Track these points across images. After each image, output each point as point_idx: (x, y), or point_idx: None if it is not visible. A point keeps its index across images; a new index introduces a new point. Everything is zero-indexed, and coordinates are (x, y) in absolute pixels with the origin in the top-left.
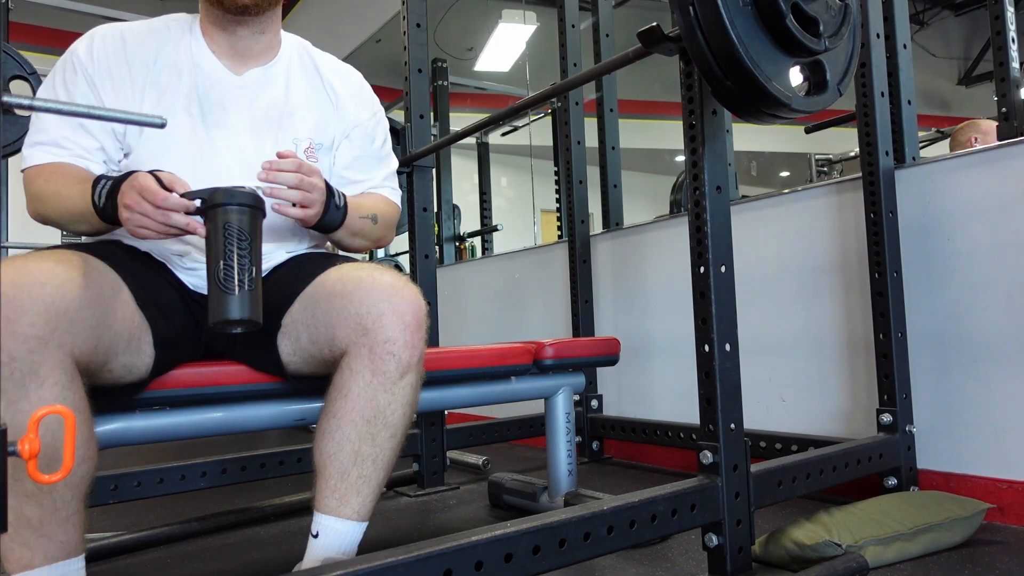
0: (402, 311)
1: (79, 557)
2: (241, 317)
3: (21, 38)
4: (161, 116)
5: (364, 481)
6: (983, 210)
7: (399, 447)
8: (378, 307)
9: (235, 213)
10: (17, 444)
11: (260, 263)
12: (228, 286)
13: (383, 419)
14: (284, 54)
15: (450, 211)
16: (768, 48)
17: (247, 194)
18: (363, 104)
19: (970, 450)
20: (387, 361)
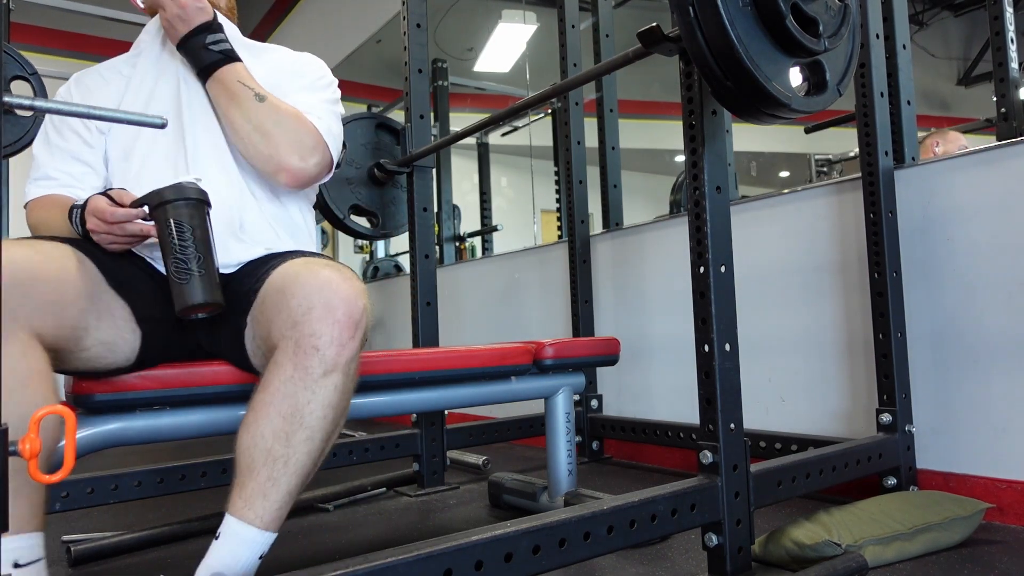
0: (333, 306)
1: (33, 534)
2: (196, 302)
3: (21, 38)
4: (161, 116)
5: (272, 484)
6: (982, 210)
7: (318, 455)
8: (309, 300)
9: (174, 208)
10: (18, 444)
11: (210, 249)
12: (180, 276)
13: (300, 418)
14: (277, 56)
15: (450, 211)
16: (768, 48)
17: (182, 187)
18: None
19: (969, 450)
20: (310, 356)
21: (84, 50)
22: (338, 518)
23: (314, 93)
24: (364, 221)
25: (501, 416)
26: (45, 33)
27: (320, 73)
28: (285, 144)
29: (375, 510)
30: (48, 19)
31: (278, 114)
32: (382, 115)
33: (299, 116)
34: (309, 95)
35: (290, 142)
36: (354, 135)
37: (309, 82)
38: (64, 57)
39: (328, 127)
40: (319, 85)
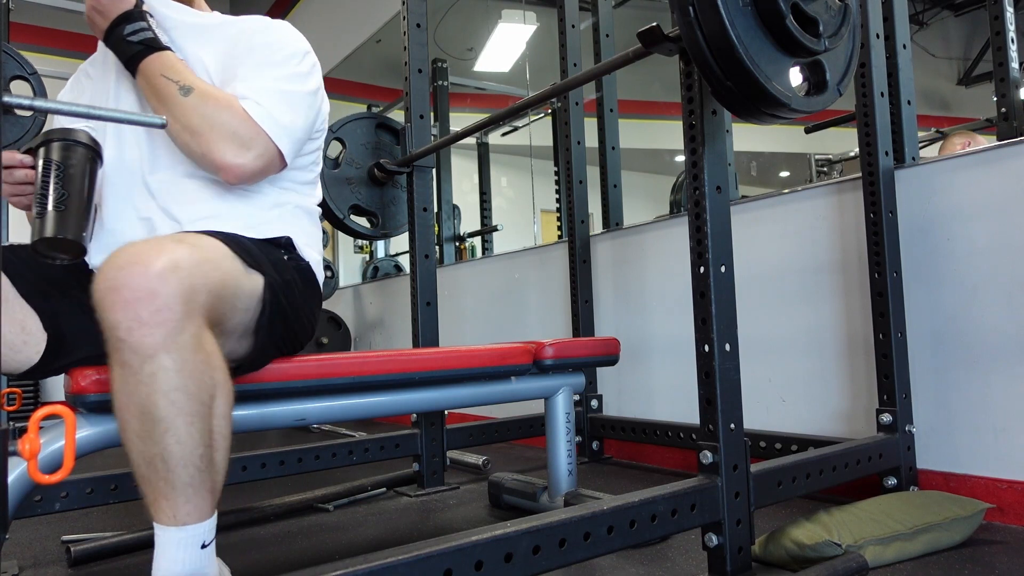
0: (118, 286)
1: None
2: (44, 235)
3: (21, 38)
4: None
5: (165, 483)
6: (983, 210)
7: (190, 439)
8: (99, 289)
9: (47, 148)
10: (17, 444)
11: (82, 192)
12: (37, 211)
13: (150, 415)
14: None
15: (450, 211)
16: (768, 48)
17: (66, 130)
18: (237, 38)
19: (970, 450)
20: (121, 350)
21: (84, 50)
22: (338, 518)
23: (263, 72)
24: (364, 221)
25: (501, 416)
26: (45, 33)
27: (278, 45)
28: (216, 140)
29: (375, 510)
30: (48, 19)
31: (206, 106)
32: (382, 115)
33: (231, 105)
34: (256, 75)
35: (221, 137)
36: (354, 135)
37: (261, 58)
38: (64, 57)
39: (269, 113)
40: (274, 60)
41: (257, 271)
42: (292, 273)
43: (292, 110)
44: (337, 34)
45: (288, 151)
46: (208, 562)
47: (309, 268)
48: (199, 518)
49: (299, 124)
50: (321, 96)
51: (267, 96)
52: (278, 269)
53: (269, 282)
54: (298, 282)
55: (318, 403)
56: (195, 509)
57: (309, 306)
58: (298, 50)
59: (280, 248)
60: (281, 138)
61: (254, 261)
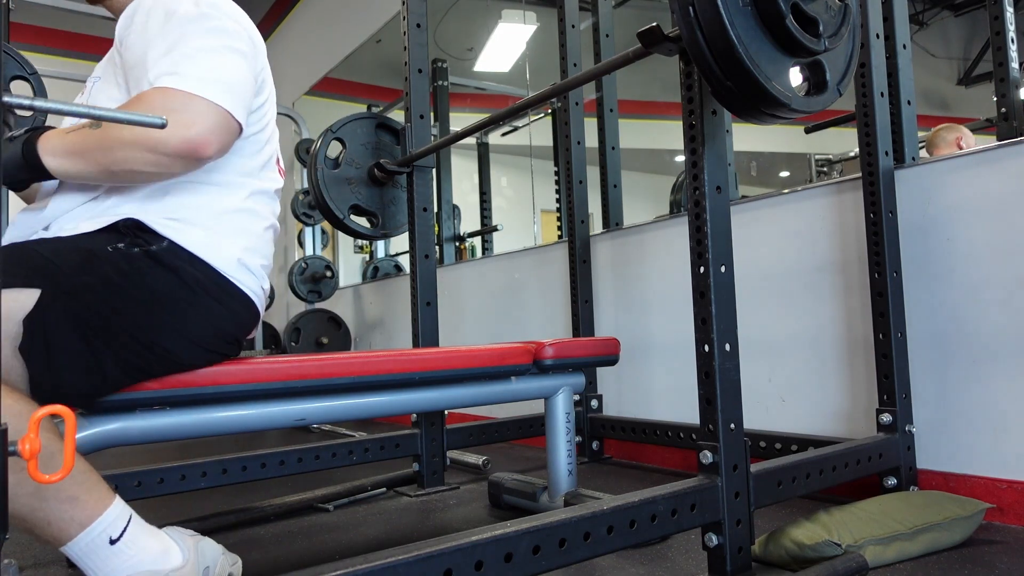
0: None
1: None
2: None
3: (21, 38)
4: (161, 116)
5: None
6: (982, 210)
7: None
8: None
9: None
10: (17, 444)
11: None
12: None
13: None
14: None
15: (450, 211)
16: (768, 48)
17: None
18: (140, 10)
19: (970, 450)
20: None
21: (84, 50)
22: (338, 518)
23: (166, 44)
24: (364, 221)
25: (501, 416)
26: (45, 33)
27: (171, 14)
28: (156, 134)
29: (375, 510)
30: (48, 19)
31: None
32: (382, 115)
33: (143, 98)
34: (161, 52)
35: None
36: (354, 135)
37: (158, 29)
38: (64, 57)
39: (190, 76)
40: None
41: (16, 287)
42: (119, 265)
43: (214, 64)
44: (337, 34)
45: (233, 105)
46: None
47: (169, 251)
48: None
49: (231, 74)
50: (243, 40)
51: (180, 63)
52: (85, 268)
53: (47, 295)
54: (131, 272)
55: (318, 403)
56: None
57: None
58: (195, 7)
59: (117, 234)
60: (217, 94)
61: (10, 278)
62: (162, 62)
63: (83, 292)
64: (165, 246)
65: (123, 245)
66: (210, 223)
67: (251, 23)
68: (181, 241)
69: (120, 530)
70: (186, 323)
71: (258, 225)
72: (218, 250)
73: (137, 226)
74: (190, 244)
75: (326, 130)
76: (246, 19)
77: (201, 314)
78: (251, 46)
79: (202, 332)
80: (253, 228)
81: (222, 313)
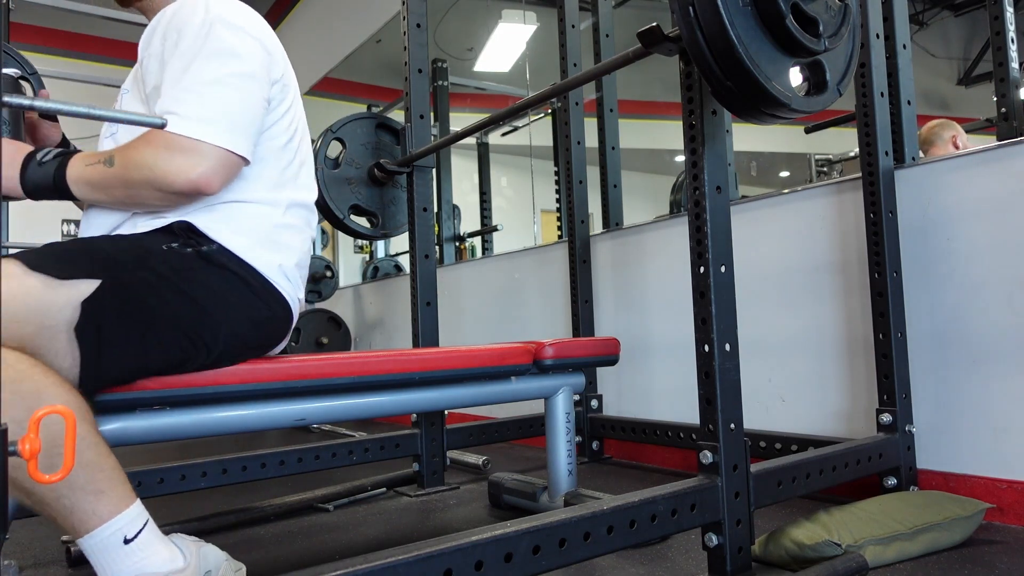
0: None
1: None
2: None
3: (21, 38)
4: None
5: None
6: (982, 210)
7: None
8: None
9: None
10: (17, 444)
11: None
12: None
13: None
14: (152, 24)
15: (450, 211)
16: (768, 48)
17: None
18: (157, 30)
19: (970, 450)
20: None
21: (84, 50)
22: (338, 518)
23: (175, 72)
24: (364, 221)
25: (501, 416)
26: (45, 33)
27: (182, 33)
28: (162, 175)
29: (375, 510)
30: (48, 19)
31: (130, 158)
32: (382, 115)
33: (150, 140)
34: (170, 81)
35: (164, 170)
36: (354, 135)
37: (169, 54)
38: (64, 57)
39: (192, 117)
40: (182, 53)
41: (79, 278)
42: (172, 262)
43: (216, 100)
44: (337, 34)
45: (235, 143)
46: None
47: (219, 252)
48: (101, 519)
49: (235, 108)
50: (252, 60)
51: (184, 102)
52: (142, 264)
53: (106, 285)
54: (183, 268)
55: (318, 403)
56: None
57: (208, 290)
58: (202, 27)
59: (171, 234)
60: (218, 135)
61: (75, 269)
62: (167, 96)
63: (137, 285)
64: (215, 248)
65: (176, 244)
66: (254, 236)
67: (264, 28)
68: (229, 245)
69: (136, 531)
70: (228, 317)
71: (296, 239)
72: (261, 257)
73: (190, 228)
74: (237, 248)
75: (326, 130)
76: (257, 27)
77: (243, 310)
78: (260, 60)
79: (242, 328)
80: (292, 243)
81: (262, 310)
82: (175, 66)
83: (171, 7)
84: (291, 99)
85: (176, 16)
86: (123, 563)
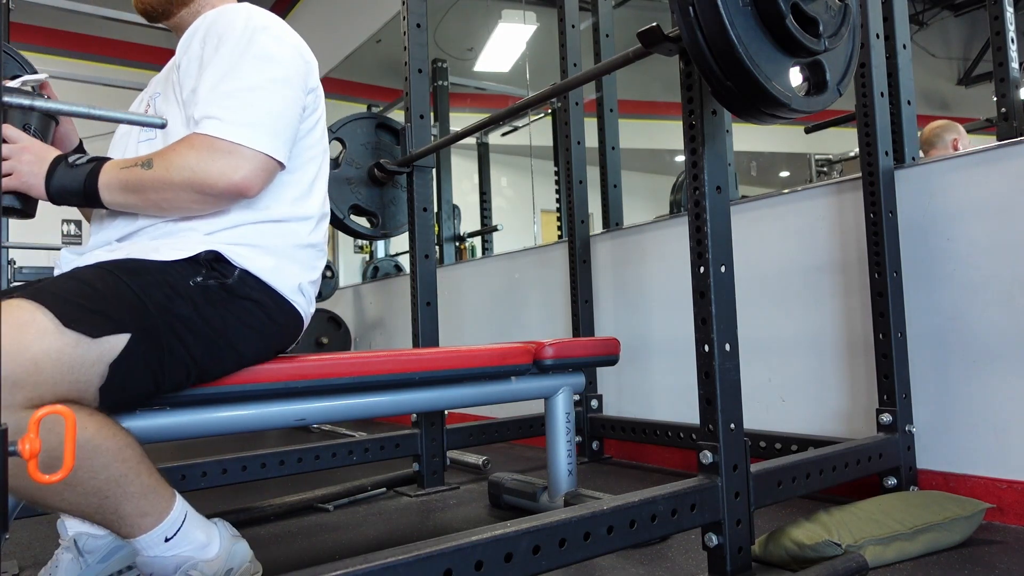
0: None
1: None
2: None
3: (21, 38)
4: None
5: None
6: (982, 210)
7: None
8: None
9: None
10: (18, 444)
11: None
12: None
13: None
14: (191, 28)
15: (450, 211)
16: (768, 48)
17: (18, 91)
18: (197, 35)
19: (970, 450)
20: None
21: (84, 50)
22: (338, 518)
23: (214, 77)
24: (364, 221)
25: (501, 416)
26: (45, 33)
27: (223, 38)
28: (204, 177)
29: (375, 510)
30: (48, 19)
31: (172, 161)
32: (382, 115)
33: (191, 143)
34: (208, 86)
35: (205, 171)
36: (354, 135)
37: (209, 58)
38: (64, 57)
39: (232, 121)
40: (223, 57)
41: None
42: (196, 300)
43: (257, 106)
44: (337, 34)
45: (274, 148)
46: None
47: (241, 279)
48: (150, 523)
49: (273, 114)
50: (290, 68)
51: (225, 106)
52: (167, 307)
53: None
54: (206, 304)
55: (318, 403)
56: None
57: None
58: (244, 33)
59: (197, 265)
60: (259, 140)
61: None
62: (209, 99)
63: (162, 330)
64: (237, 275)
65: (200, 279)
66: (279, 254)
67: (300, 40)
68: (252, 268)
69: (175, 531)
70: (240, 348)
71: (318, 258)
72: (283, 276)
73: (216, 258)
74: (259, 270)
75: None
76: (295, 37)
77: (257, 338)
78: (298, 68)
79: (251, 352)
80: (314, 263)
81: (277, 331)
82: (216, 70)
83: (210, 13)
84: (321, 110)
85: (216, 23)
86: (161, 550)
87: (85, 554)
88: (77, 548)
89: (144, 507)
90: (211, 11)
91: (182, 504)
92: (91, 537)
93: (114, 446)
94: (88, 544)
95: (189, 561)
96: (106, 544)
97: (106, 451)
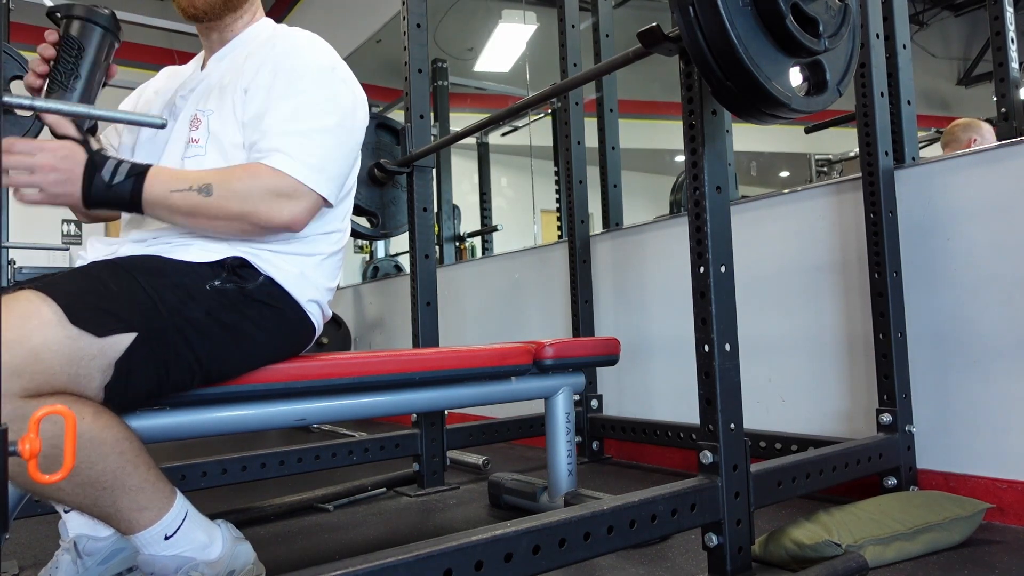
0: None
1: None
2: None
3: (21, 38)
4: (162, 116)
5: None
6: (983, 210)
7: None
8: None
9: (68, 23)
10: (18, 444)
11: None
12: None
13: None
14: (240, 41)
15: (450, 211)
16: (768, 48)
17: (85, 8)
18: (266, 63)
19: (970, 450)
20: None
21: None
22: (338, 518)
23: (287, 112)
24: (364, 221)
25: (501, 416)
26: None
27: (298, 73)
28: (264, 211)
29: (375, 510)
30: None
31: (235, 190)
32: (382, 115)
33: (257, 174)
34: (280, 119)
35: (267, 206)
36: None
37: (283, 90)
38: None
39: (302, 161)
40: (296, 92)
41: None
42: (211, 303)
43: (322, 148)
44: (337, 34)
45: (330, 192)
46: None
47: (263, 286)
48: (148, 522)
49: (334, 158)
50: (353, 115)
51: (294, 144)
52: (180, 309)
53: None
54: (221, 307)
55: (318, 403)
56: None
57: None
58: (319, 73)
59: (220, 268)
60: (320, 183)
61: (115, 322)
62: (276, 132)
63: (171, 332)
64: (261, 281)
65: (219, 282)
66: (305, 263)
67: (357, 83)
68: (277, 277)
69: (175, 529)
70: (250, 354)
71: (338, 266)
72: (305, 287)
73: (242, 264)
74: (284, 279)
75: None
76: (354, 79)
77: (268, 346)
78: (361, 115)
79: (266, 359)
80: (336, 270)
81: (291, 339)
82: (288, 105)
83: (264, 32)
84: (362, 143)
85: (288, 55)
86: (160, 548)
87: (84, 556)
88: (76, 550)
89: (142, 502)
90: (261, 29)
91: (183, 503)
92: (91, 539)
93: (111, 437)
94: (88, 546)
95: (190, 562)
96: (106, 546)
97: (103, 442)
